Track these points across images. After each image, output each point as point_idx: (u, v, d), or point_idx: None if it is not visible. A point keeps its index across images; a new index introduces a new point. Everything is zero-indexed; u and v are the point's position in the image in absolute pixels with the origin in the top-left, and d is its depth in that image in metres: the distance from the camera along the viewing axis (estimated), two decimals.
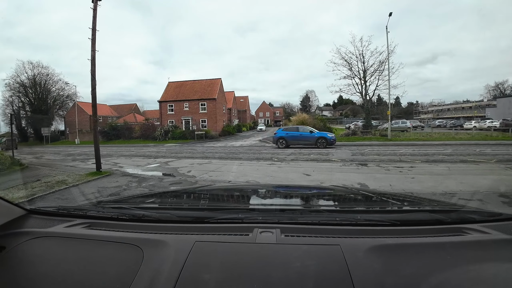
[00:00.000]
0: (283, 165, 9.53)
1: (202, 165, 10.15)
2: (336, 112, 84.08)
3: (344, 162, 9.80)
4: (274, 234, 0.83)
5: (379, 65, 20.60)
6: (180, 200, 1.66)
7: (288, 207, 1.37)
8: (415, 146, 15.18)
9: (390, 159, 10.01)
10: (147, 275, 0.69)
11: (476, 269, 0.69)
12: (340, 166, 8.98)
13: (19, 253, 0.83)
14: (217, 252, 0.76)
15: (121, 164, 11.68)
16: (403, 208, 1.35)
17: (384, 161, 9.66)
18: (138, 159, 13.37)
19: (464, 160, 9.51)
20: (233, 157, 12.31)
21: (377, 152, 12.35)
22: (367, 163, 9.33)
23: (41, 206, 1.17)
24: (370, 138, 19.11)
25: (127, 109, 57.13)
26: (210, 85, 34.64)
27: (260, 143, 21.14)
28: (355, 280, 0.63)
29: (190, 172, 8.67)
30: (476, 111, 52.11)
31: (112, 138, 33.00)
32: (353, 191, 1.91)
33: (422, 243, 0.80)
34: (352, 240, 0.80)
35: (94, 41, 9.91)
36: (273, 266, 0.70)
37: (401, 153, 11.67)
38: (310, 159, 10.81)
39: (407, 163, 9.02)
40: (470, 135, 19.96)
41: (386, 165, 8.80)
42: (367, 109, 21.47)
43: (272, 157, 11.91)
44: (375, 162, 9.49)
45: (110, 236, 0.88)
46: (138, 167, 10.38)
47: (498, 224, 0.92)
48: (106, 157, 14.75)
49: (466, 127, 30.93)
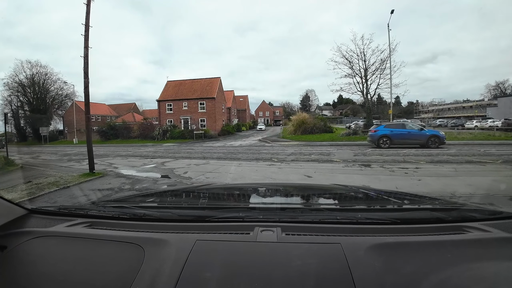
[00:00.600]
0: (283, 166, 9.21)
1: (199, 165, 9.81)
2: (336, 111, 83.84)
3: (346, 162, 9.47)
4: (275, 232, 0.83)
5: (380, 64, 20.23)
6: (181, 199, 1.66)
7: (289, 205, 1.35)
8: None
9: (394, 160, 9.69)
10: (148, 274, 0.68)
11: (477, 268, 0.68)
12: (342, 167, 8.66)
13: (20, 253, 0.83)
14: (218, 250, 0.76)
15: (116, 164, 11.36)
16: (403, 207, 1.34)
17: (387, 162, 9.34)
18: (134, 160, 13.04)
19: (470, 160, 9.23)
20: (231, 158, 11.96)
21: (380, 152, 12.02)
22: (370, 163, 9.01)
23: (42, 206, 1.15)
24: None
25: (126, 109, 56.83)
26: (209, 84, 34.27)
27: (260, 143, 20.82)
28: (356, 278, 0.63)
29: (187, 174, 8.35)
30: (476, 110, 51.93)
31: (110, 137, 32.75)
32: (354, 189, 1.87)
33: (423, 242, 0.79)
34: (353, 238, 0.80)
35: (87, 38, 9.58)
36: (274, 265, 0.70)
37: (404, 154, 11.36)
38: (311, 159, 10.49)
39: (411, 164, 8.71)
40: (473, 135, 19.67)
41: (390, 166, 8.49)
42: (368, 108, 21.08)
43: (272, 157, 11.58)
44: (379, 163, 9.18)
45: (111, 235, 0.88)
46: (133, 168, 10.06)
47: (498, 223, 0.91)
48: (102, 157, 14.49)
49: (468, 127, 30.68)
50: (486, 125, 29.26)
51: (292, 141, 19.99)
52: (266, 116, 77.26)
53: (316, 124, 23.54)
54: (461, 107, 62.13)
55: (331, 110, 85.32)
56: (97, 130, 35.40)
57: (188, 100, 32.89)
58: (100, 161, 12.98)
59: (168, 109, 33.49)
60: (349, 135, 20.22)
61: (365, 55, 20.31)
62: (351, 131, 21.02)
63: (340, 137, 19.86)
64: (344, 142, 17.51)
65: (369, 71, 20.49)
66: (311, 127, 22.92)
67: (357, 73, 20.73)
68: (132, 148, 21.25)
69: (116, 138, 32.26)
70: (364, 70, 20.53)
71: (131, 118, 41.91)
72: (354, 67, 20.74)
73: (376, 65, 20.10)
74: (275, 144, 18.75)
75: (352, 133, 20.28)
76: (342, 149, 14.24)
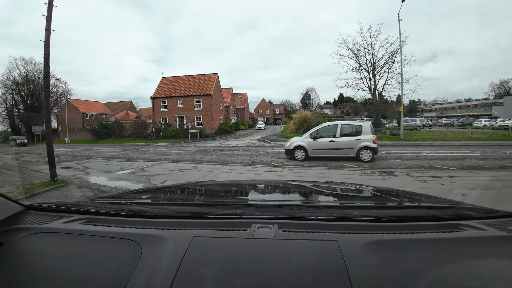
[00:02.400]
0: (285, 173, 7.61)
1: (184, 172, 8.18)
2: (337, 110, 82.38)
3: (363, 168, 7.86)
4: (272, 229, 0.83)
5: (389, 57, 18.63)
6: (178, 196, 1.64)
7: (286, 202, 1.35)
8: (434, 146, 13.28)
9: (418, 165, 8.10)
10: (145, 270, 0.68)
11: (472, 265, 0.69)
12: (359, 174, 7.04)
13: (17, 249, 0.83)
14: (215, 247, 0.76)
15: (91, 169, 9.77)
16: (400, 204, 1.32)
17: (411, 167, 7.73)
18: (115, 162, 11.44)
19: (503, 165, 7.78)
20: (224, 161, 10.31)
21: (398, 155, 10.38)
22: (393, 170, 7.38)
23: (39, 202, 1.13)
24: (381, 137, 17.12)
25: (122, 107, 55.35)
26: (206, 80, 32.52)
27: (259, 143, 19.21)
28: (352, 275, 0.63)
29: (166, 183, 6.75)
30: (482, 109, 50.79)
31: (102, 136, 31.18)
32: (351, 187, 1.78)
33: (419, 239, 0.79)
34: (349, 235, 0.79)
35: (50, 19, 7.96)
36: (271, 261, 0.70)
37: (426, 157, 9.76)
38: (318, 164, 8.88)
39: (441, 171, 7.13)
40: (488, 135, 18.21)
41: (417, 173, 6.88)
42: (376, 105, 19.43)
43: (272, 161, 9.95)
44: (401, 169, 7.57)
45: (108, 231, 0.87)
46: (106, 174, 8.45)
47: (494, 221, 0.91)
48: (82, 159, 13.03)
49: (476, 126, 29.34)
50: (495, 124, 28.16)
51: None
52: (265, 114, 75.65)
53: (319, 122, 21.84)
54: (465, 105, 61.13)
55: (332, 109, 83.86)
56: (89, 129, 33.94)
57: (183, 97, 31.14)
58: (77, 164, 11.49)
59: (163, 107, 31.80)
60: None
61: (373, 48, 18.68)
62: None
63: None
64: None
65: (377, 65, 18.89)
66: (314, 126, 21.24)
67: (364, 67, 19.12)
68: (121, 148, 19.68)
69: (108, 137, 30.67)
70: (371, 64, 18.92)
71: (125, 116, 40.15)
72: (361, 60, 19.13)
73: (385, 59, 18.48)
74: (275, 145, 17.13)
75: None
76: None
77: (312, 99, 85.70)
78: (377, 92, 19.30)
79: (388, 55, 18.50)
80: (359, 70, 19.21)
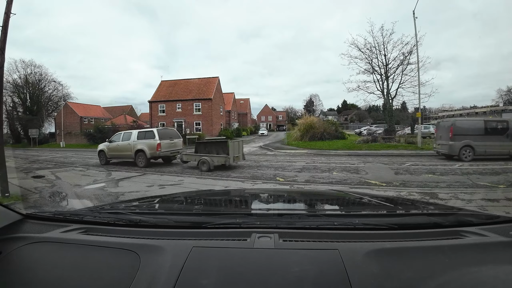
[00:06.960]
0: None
1: (164, 188, 6.56)
2: (340, 117, 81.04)
3: (389, 187, 6.23)
4: (272, 239, 0.82)
5: (403, 58, 17.10)
6: (177, 205, 1.61)
7: (286, 211, 1.30)
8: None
9: (459, 182, 6.47)
10: (144, 281, 0.67)
11: (475, 272, 0.68)
12: None
13: (15, 258, 0.83)
14: (214, 257, 0.75)
15: (61, 180, 8.25)
16: (401, 212, 1.31)
17: (453, 186, 6.08)
18: (92, 173, 9.92)
19: None
20: (218, 175, 8.70)
21: (426, 169, 8.71)
22: (432, 191, 5.74)
23: (37, 211, 1.12)
24: (395, 145, 15.49)
25: (122, 111, 54.22)
26: (206, 84, 31.18)
27: (261, 150, 17.65)
28: (353, 284, 0.63)
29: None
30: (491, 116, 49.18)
31: (98, 141, 29.66)
32: (351, 195, 1.74)
33: (420, 247, 0.78)
34: (351, 244, 0.79)
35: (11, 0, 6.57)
36: (272, 271, 0.69)
37: (462, 171, 8.10)
38: (334, 179, 7.25)
39: (494, 192, 5.51)
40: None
41: (466, 195, 5.24)
42: (390, 110, 17.78)
43: (276, 174, 8.33)
44: (441, 188, 5.93)
45: (106, 241, 0.86)
46: (72, 188, 6.90)
47: (495, 227, 0.90)
48: (62, 167, 11.77)
49: None
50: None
51: (299, 149, 16.76)
52: (268, 120, 74.22)
53: (327, 129, 20.33)
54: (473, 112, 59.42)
55: (335, 116, 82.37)
56: (85, 133, 32.73)
57: (182, 101, 29.79)
58: (51, 173, 10.05)
59: (161, 111, 30.44)
60: (367, 142, 16.92)
61: (386, 48, 17.17)
62: (370, 138, 17.69)
63: (357, 144, 16.57)
64: (365, 152, 14.13)
65: (390, 67, 17.35)
66: (321, 133, 19.68)
67: (376, 69, 17.59)
68: None
69: (103, 142, 29.32)
70: (384, 66, 17.39)
71: (123, 120, 38.87)
72: (373, 62, 17.61)
73: (400, 59, 16.93)
74: (279, 153, 15.53)
75: (371, 140, 16.96)
76: (370, 162, 10.80)
77: (315, 106, 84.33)
78: (390, 96, 17.71)
79: (403, 55, 16.97)
80: (371, 72, 17.68)
